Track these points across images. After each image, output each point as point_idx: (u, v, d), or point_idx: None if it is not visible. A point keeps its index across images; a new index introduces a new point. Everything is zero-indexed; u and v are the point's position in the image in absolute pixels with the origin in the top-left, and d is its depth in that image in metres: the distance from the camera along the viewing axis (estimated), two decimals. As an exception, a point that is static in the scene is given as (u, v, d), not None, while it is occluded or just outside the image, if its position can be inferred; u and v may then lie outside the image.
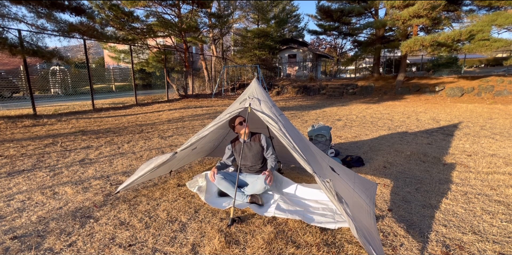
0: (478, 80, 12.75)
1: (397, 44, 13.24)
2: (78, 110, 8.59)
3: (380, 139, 5.29)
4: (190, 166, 3.73)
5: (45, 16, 7.50)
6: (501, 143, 4.76)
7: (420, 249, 1.88)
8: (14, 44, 6.65)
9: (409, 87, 13.86)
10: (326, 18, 16.11)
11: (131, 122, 7.15)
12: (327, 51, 31.93)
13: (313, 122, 7.14)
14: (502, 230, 2.11)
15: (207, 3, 12.68)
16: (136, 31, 11.99)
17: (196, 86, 16.99)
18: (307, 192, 2.69)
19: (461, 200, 2.62)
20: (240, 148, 2.82)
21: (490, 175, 3.26)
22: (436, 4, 10.82)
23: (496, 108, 9.38)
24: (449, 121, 7.15)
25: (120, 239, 2.04)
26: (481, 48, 11.05)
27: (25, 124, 6.29)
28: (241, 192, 2.62)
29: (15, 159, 3.98)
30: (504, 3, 11.76)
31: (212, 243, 1.95)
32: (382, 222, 2.24)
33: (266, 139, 2.82)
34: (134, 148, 4.70)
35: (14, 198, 2.73)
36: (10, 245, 1.96)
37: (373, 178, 3.24)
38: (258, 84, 2.66)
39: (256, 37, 19.05)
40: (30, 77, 7.41)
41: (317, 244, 1.93)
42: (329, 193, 1.86)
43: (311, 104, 11.96)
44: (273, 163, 2.71)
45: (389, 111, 9.19)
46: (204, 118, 7.99)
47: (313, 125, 4.18)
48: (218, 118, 2.52)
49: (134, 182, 2.73)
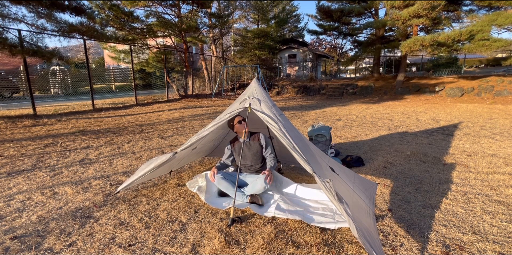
0: (478, 80, 12.75)
1: (397, 44, 13.24)
2: (78, 110, 8.59)
3: (380, 139, 5.29)
4: (190, 166, 3.73)
5: (45, 16, 7.50)
6: (501, 143, 4.76)
7: (420, 249, 1.88)
8: (14, 44, 6.65)
9: (409, 87, 13.86)
10: (326, 18, 16.11)
11: (131, 122, 7.15)
12: (327, 51, 31.93)
13: (313, 122, 7.14)
14: (502, 230, 2.11)
15: (207, 3, 12.69)
16: (136, 31, 11.99)
17: (196, 86, 16.99)
18: (307, 192, 2.69)
19: (461, 200, 2.62)
20: (240, 148, 2.83)
21: (490, 175, 3.26)
22: (436, 4, 10.82)
23: (496, 108, 9.38)
24: (449, 121, 7.15)
25: (120, 239, 2.04)
26: (481, 48, 11.05)
27: (25, 124, 6.29)
28: (241, 192, 2.62)
29: (15, 159, 3.98)
30: (504, 3, 11.76)
31: (212, 243, 1.95)
32: (382, 222, 2.24)
33: (265, 138, 2.82)
34: (134, 148, 4.70)
35: (14, 198, 2.73)
36: (10, 245, 1.96)
37: (373, 178, 3.24)
38: (258, 84, 2.66)
39: (256, 37, 19.05)
40: (30, 77, 7.41)
41: (317, 244, 1.93)
42: (329, 193, 1.85)
43: (311, 104, 11.96)
44: (272, 162, 2.71)
45: (389, 111, 9.19)
46: (204, 118, 7.99)
47: (313, 125, 4.18)
48: (218, 118, 2.52)
49: (134, 182, 2.73)
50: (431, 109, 9.56)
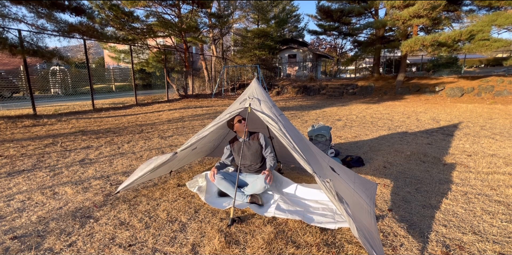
0: (478, 80, 12.75)
1: (397, 44, 13.24)
2: (78, 110, 8.59)
3: (380, 139, 5.29)
4: (190, 166, 3.73)
5: (45, 16, 7.50)
6: (501, 143, 4.76)
7: (420, 249, 1.88)
8: (14, 44, 6.65)
9: (409, 87, 13.86)
10: (326, 18, 16.11)
11: (131, 123, 7.15)
12: (327, 51, 31.93)
13: (313, 122, 7.14)
14: (502, 230, 2.11)
15: (207, 3, 12.68)
16: (136, 31, 11.99)
17: (196, 86, 16.98)
18: (307, 192, 2.69)
19: (461, 200, 2.62)
20: (239, 148, 2.82)
21: (490, 175, 3.26)
22: (436, 4, 10.82)
23: (496, 109, 9.38)
24: (449, 121, 7.15)
25: (120, 239, 2.04)
26: (481, 48, 11.05)
27: (25, 125, 6.29)
28: (241, 192, 2.62)
29: (15, 159, 3.98)
30: (504, 3, 11.76)
31: (212, 243, 1.95)
32: (382, 222, 2.24)
33: (264, 138, 2.82)
34: (134, 148, 4.70)
35: (14, 198, 2.73)
36: (10, 245, 1.96)
37: (373, 178, 3.24)
38: (258, 84, 2.66)
39: (256, 37, 19.04)
40: (30, 77, 7.41)
41: (317, 244, 1.93)
42: (329, 193, 1.85)
43: (311, 104, 11.96)
44: (272, 162, 2.71)
45: (389, 112, 9.19)
46: (204, 118, 7.99)
47: (313, 125, 4.18)
48: (218, 118, 2.52)
49: (134, 182, 2.73)
50: (431, 110, 9.56)
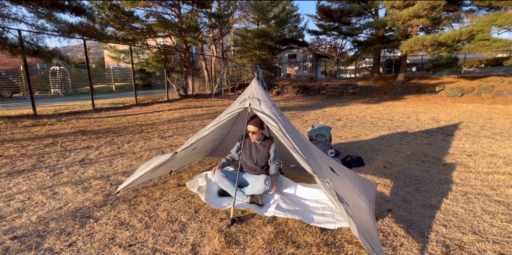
0: (478, 80, 12.75)
1: (397, 44, 13.25)
2: (78, 110, 8.59)
3: (380, 139, 5.29)
4: (190, 166, 3.73)
5: (45, 16, 7.50)
6: (501, 143, 4.76)
7: (420, 249, 1.88)
8: (14, 44, 6.65)
9: (409, 87, 13.86)
10: (326, 18, 16.12)
11: (131, 123, 7.14)
12: (327, 51, 31.94)
13: (313, 122, 7.14)
14: (502, 230, 2.11)
15: (207, 3, 12.68)
16: (136, 31, 11.99)
17: (196, 86, 16.98)
18: (307, 192, 2.69)
19: (461, 200, 2.62)
20: (249, 145, 2.82)
21: (490, 175, 3.26)
22: (436, 4, 10.82)
23: (496, 109, 9.38)
24: (449, 121, 7.15)
25: (120, 239, 2.04)
26: (481, 48, 11.05)
27: (25, 125, 6.29)
28: (241, 192, 2.62)
29: (15, 159, 3.98)
30: (504, 3, 11.76)
31: (212, 243, 1.95)
32: (382, 222, 2.24)
33: (275, 150, 2.77)
34: (134, 148, 4.70)
35: (14, 198, 2.73)
36: (10, 245, 1.96)
37: (373, 178, 3.24)
38: (258, 84, 2.66)
39: (256, 37, 19.05)
40: (30, 77, 7.41)
41: (317, 244, 1.93)
42: (329, 193, 1.85)
43: (311, 104, 11.96)
44: (276, 171, 2.73)
45: (389, 112, 9.19)
46: (204, 118, 7.99)
47: (313, 125, 4.18)
48: (218, 118, 2.52)
49: (134, 182, 2.73)
50: (431, 109, 9.56)
